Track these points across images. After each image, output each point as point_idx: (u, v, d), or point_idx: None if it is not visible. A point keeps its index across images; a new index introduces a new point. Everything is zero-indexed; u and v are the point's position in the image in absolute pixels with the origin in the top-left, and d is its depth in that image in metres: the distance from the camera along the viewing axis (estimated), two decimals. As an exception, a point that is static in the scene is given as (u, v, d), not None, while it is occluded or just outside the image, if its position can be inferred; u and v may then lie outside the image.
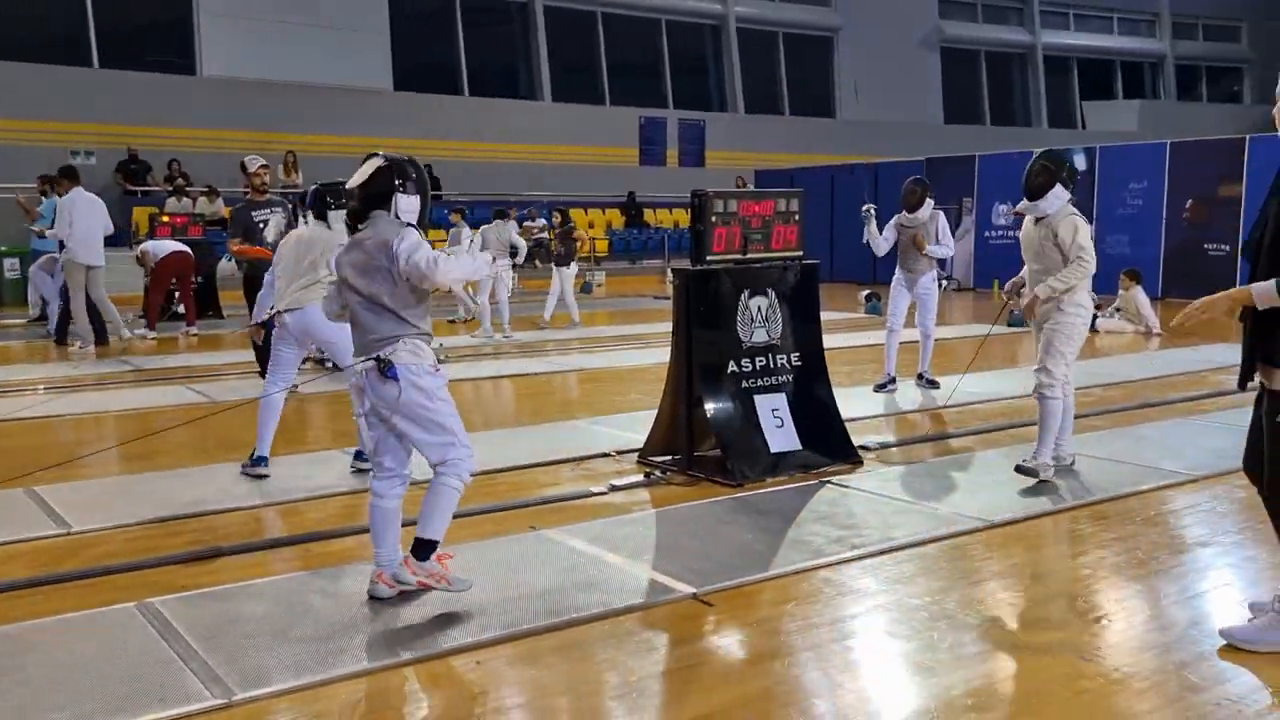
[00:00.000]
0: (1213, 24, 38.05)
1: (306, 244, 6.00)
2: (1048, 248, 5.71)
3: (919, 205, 8.76)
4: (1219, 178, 16.75)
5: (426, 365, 4.02)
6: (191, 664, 3.54)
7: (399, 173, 4.07)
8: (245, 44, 22.70)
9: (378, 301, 3.98)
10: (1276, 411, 3.48)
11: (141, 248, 13.89)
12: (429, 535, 4.05)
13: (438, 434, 4.04)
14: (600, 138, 26.22)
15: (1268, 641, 3.58)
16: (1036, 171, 5.74)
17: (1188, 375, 9.72)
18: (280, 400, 6.14)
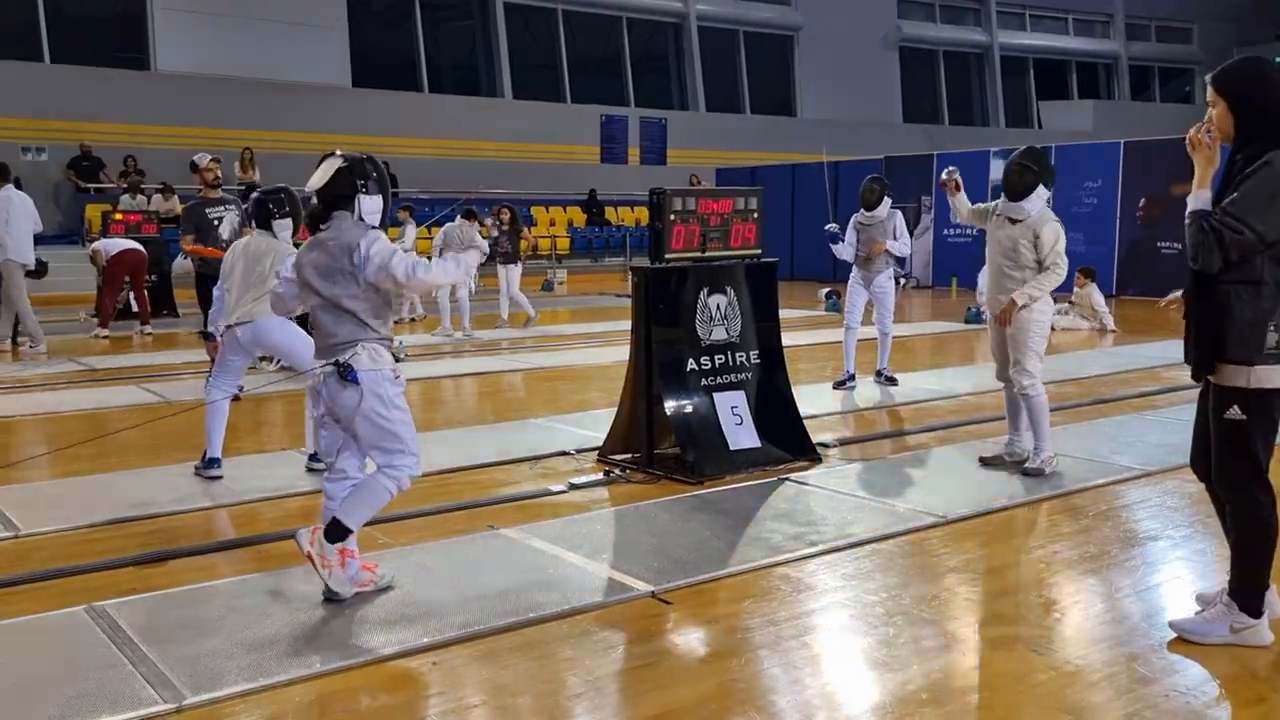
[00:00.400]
0: (1165, 26, 38.63)
1: (255, 255, 5.93)
2: (1024, 248, 5.73)
3: (877, 203, 8.81)
4: (1171, 177, 16.99)
5: (386, 371, 3.99)
6: (141, 668, 3.49)
7: (359, 173, 4.02)
8: (201, 39, 22.40)
9: (338, 304, 3.95)
10: (1225, 407, 3.53)
11: (94, 246, 13.68)
12: (345, 522, 4.01)
13: (390, 441, 4.03)
14: (561, 135, 26.15)
15: (1215, 634, 3.64)
16: (1019, 171, 5.73)
17: (1141, 371, 9.87)
18: (225, 405, 6.07)
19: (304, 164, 20.04)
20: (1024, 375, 5.86)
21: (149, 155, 20.54)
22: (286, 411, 8.18)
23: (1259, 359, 3.41)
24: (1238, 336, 3.43)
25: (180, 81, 21.85)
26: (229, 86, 22.22)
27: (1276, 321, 3.40)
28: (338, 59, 24.32)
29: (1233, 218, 3.35)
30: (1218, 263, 3.38)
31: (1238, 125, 3.47)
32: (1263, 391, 3.45)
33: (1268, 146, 3.38)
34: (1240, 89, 3.47)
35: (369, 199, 4.01)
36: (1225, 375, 3.50)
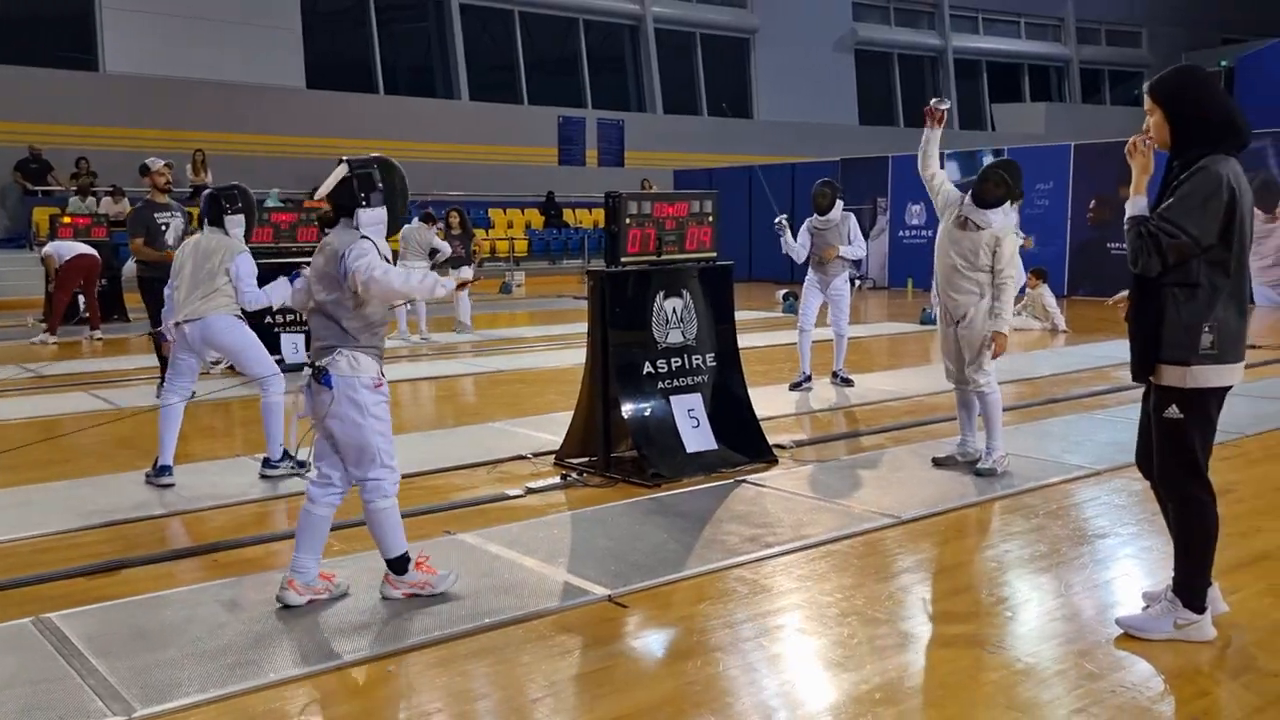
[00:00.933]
0: (1115, 29, 39.30)
1: (205, 252, 5.88)
2: (984, 254, 5.82)
3: (830, 207, 8.83)
4: (1121, 179, 17.26)
5: (365, 379, 3.98)
6: (90, 680, 3.44)
7: (363, 184, 4.00)
8: (150, 40, 22.10)
9: (324, 309, 4.00)
10: (1164, 406, 3.60)
11: (45, 250, 13.42)
12: (393, 554, 4.11)
13: (363, 452, 4.03)
14: (518, 137, 26.10)
15: (1160, 630, 3.71)
16: (995, 182, 5.83)
17: (1091, 371, 10.03)
18: (180, 409, 6.00)
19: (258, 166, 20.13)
20: (980, 374, 5.95)
21: (100, 157, 20.22)
22: (241, 417, 8.09)
23: (1195, 359, 3.50)
24: (1174, 338, 3.51)
25: (130, 83, 21.55)
26: (180, 88, 21.95)
27: (1211, 323, 3.48)
28: (291, 60, 24.09)
29: (1169, 222, 3.42)
30: (1156, 266, 3.46)
31: (1174, 132, 3.55)
32: (1199, 391, 3.53)
33: (1204, 152, 3.46)
34: (1175, 97, 3.54)
35: (367, 211, 3.99)
36: (1163, 375, 3.58)
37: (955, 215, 5.96)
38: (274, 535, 5.06)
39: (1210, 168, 3.42)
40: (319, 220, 3.73)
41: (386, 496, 4.08)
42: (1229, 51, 35.61)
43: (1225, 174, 3.43)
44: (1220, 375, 3.55)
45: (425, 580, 4.16)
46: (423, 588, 4.14)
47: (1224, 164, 3.45)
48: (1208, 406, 3.58)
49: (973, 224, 5.87)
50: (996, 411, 6.02)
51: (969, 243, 5.87)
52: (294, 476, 6.00)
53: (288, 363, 10.30)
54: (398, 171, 4.11)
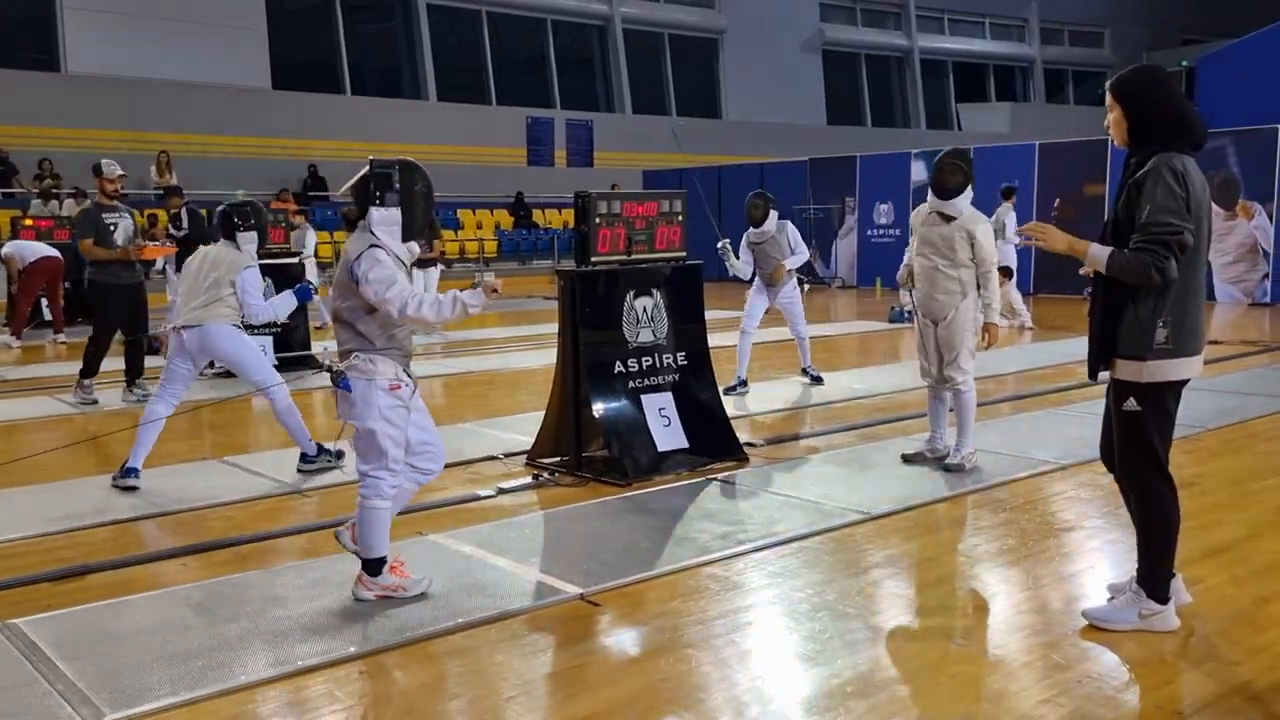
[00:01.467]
0: (1078, 30, 39.77)
1: (211, 262, 5.98)
2: (960, 247, 5.88)
3: (764, 219, 8.66)
4: (1085, 177, 17.52)
5: (380, 381, 4.00)
6: (58, 685, 3.41)
7: (378, 183, 4.01)
8: (112, 40, 21.87)
9: (340, 316, 4.05)
10: (1122, 400, 3.67)
11: (6, 250, 13.23)
12: (372, 555, 4.12)
13: (370, 452, 4.07)
14: (487, 138, 26.06)
15: (1125, 620, 3.77)
16: (949, 170, 5.88)
17: (1056, 368, 10.14)
18: (162, 422, 6.00)
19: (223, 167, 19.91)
20: (959, 371, 6.02)
21: (63, 159, 19.99)
22: (210, 421, 8.02)
23: (1150, 354, 3.58)
24: (1129, 333, 3.59)
25: (93, 83, 21.31)
26: (144, 89, 21.73)
27: (1165, 318, 3.56)
28: (256, 61, 23.92)
29: (1163, 225, 3.46)
30: (1175, 268, 3.50)
31: (1131, 130, 3.62)
32: (1155, 385, 3.61)
33: (1158, 149, 3.54)
34: (1135, 96, 3.61)
35: (380, 210, 4.01)
36: (1120, 370, 3.66)
37: (927, 218, 6.01)
38: (241, 539, 5.02)
39: (1162, 165, 3.49)
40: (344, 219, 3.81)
41: (383, 497, 4.09)
42: (1190, 52, 36.06)
43: (1178, 169, 3.49)
44: (1176, 369, 3.62)
45: (399, 584, 4.15)
46: (395, 591, 4.14)
47: (1176, 160, 3.51)
48: (1164, 400, 3.65)
49: (941, 218, 5.92)
50: (970, 409, 6.09)
51: (944, 241, 5.91)
52: (332, 469, 6.15)
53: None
54: (420, 175, 4.10)
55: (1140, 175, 3.53)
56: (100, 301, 8.55)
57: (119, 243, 8.27)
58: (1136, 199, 3.53)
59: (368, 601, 4.11)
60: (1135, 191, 3.54)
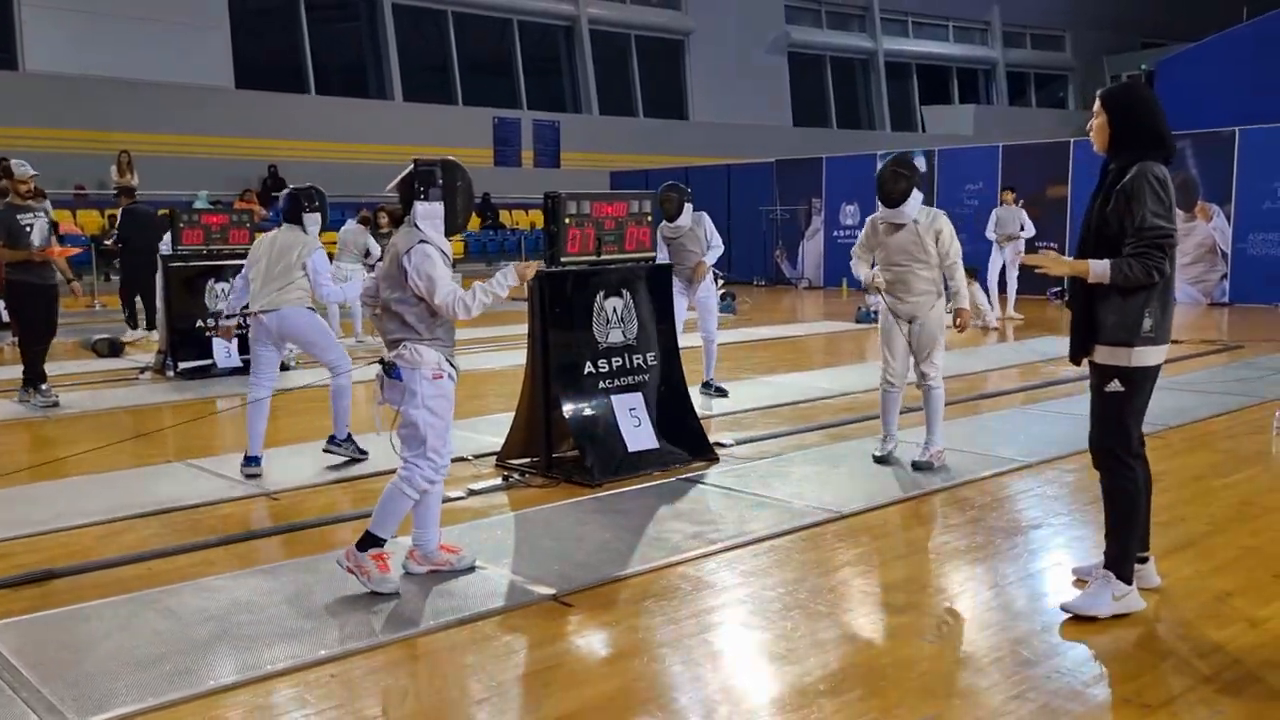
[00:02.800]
0: (1039, 33, 40.20)
1: (282, 248, 6.13)
2: (929, 246, 6.00)
3: (678, 213, 8.28)
4: (1047, 179, 17.71)
5: (425, 371, 4.14)
6: (23, 693, 3.35)
7: (421, 179, 4.19)
8: (72, 38, 21.56)
9: (389, 306, 4.18)
10: (1106, 381, 3.88)
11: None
12: (376, 533, 4.19)
13: (412, 439, 4.19)
14: (453, 138, 25.89)
15: (1102, 605, 3.89)
16: (893, 178, 5.96)
17: (1021, 367, 10.25)
18: (267, 402, 6.19)
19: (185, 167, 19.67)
20: (934, 369, 6.14)
21: (21, 158, 19.65)
22: (174, 424, 7.92)
23: (1137, 341, 3.81)
24: (1119, 321, 3.80)
25: (52, 82, 21.00)
26: (104, 87, 21.44)
27: (1150, 308, 3.79)
28: (219, 59, 23.66)
29: (1156, 229, 3.70)
30: (1167, 267, 3.74)
31: (1113, 137, 3.87)
32: (1141, 369, 3.84)
33: (1136, 157, 3.78)
34: (1123, 107, 3.87)
35: (424, 204, 4.17)
36: (1107, 356, 3.85)
37: (878, 228, 6.14)
38: (207, 543, 4.97)
39: (1148, 173, 3.73)
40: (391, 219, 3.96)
41: (413, 485, 4.18)
42: (1149, 55, 36.60)
43: (1161, 177, 3.75)
44: (1157, 355, 3.88)
45: (369, 570, 4.16)
46: (363, 574, 4.16)
47: (1158, 168, 3.76)
48: (1146, 383, 3.89)
49: (895, 226, 6.05)
50: (940, 406, 6.18)
51: (910, 244, 6.02)
52: (354, 461, 6.37)
53: (219, 366, 10.15)
54: (461, 172, 4.30)
55: (1128, 183, 3.75)
56: (20, 303, 8.41)
57: (36, 242, 8.18)
58: (1126, 206, 3.74)
59: (346, 569, 4.17)
60: (1124, 198, 3.75)
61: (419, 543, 4.43)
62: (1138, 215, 3.71)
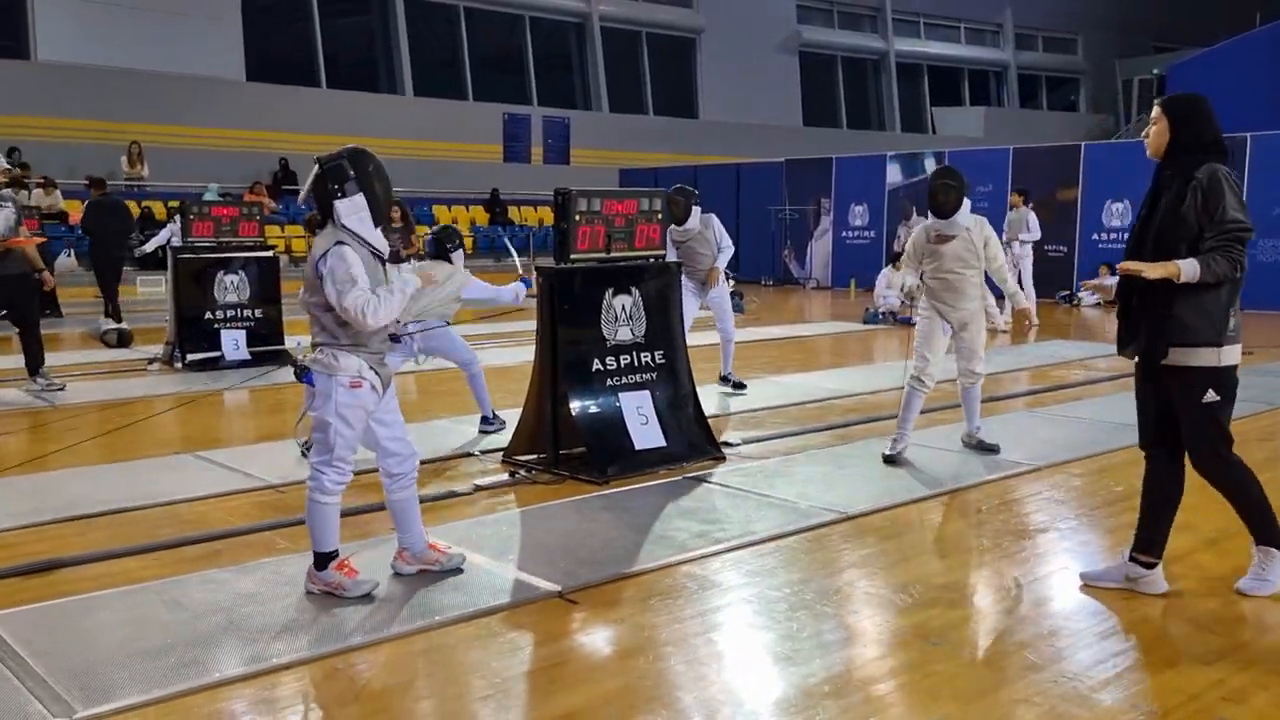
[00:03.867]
0: (1051, 36, 40.07)
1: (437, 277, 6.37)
2: (978, 252, 6.20)
3: (686, 216, 8.33)
4: (1057, 182, 17.67)
5: (341, 377, 4.02)
6: (29, 682, 3.36)
7: (332, 177, 4.00)
8: (84, 28, 21.58)
9: (309, 309, 4.07)
10: (1200, 392, 3.94)
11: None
12: (316, 548, 4.14)
13: (320, 444, 4.09)
14: (463, 134, 25.95)
15: (1272, 583, 4.12)
16: (943, 190, 6.16)
17: (1030, 370, 10.22)
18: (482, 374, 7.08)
19: (196, 160, 19.67)
20: (981, 365, 6.44)
21: (32, 148, 19.71)
22: (182, 416, 7.93)
23: (1224, 340, 3.92)
24: (1205, 321, 3.88)
25: (64, 72, 21.03)
26: (116, 78, 21.47)
27: (1234, 307, 3.93)
28: (230, 52, 23.68)
29: (1237, 223, 3.82)
30: (1245, 261, 3.86)
31: (1173, 142, 4.01)
32: (1231, 368, 3.96)
33: (1196, 159, 3.92)
34: (1185, 118, 4.02)
35: (343, 202, 3.98)
36: (1193, 358, 3.92)
37: (931, 238, 6.26)
38: (214, 535, 4.98)
39: (1220, 173, 3.87)
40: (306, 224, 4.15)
41: (324, 491, 4.07)
42: (1161, 59, 36.51)
43: (1231, 176, 3.89)
44: (1238, 353, 4.00)
45: (340, 582, 4.11)
46: (336, 589, 4.10)
47: (1225, 169, 3.91)
48: (1234, 381, 3.99)
49: (947, 236, 6.21)
50: (978, 399, 6.61)
51: (963, 254, 6.21)
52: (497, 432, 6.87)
53: (227, 359, 10.17)
54: (368, 156, 4.08)
55: (1204, 181, 3.85)
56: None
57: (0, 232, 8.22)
58: (1204, 203, 3.84)
59: (314, 596, 4.10)
60: (1201, 196, 3.84)
61: (405, 544, 4.38)
62: (1217, 210, 3.81)
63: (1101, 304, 17.04)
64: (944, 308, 6.29)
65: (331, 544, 4.13)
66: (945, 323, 6.32)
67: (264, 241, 11.10)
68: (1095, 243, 17.59)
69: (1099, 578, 4.29)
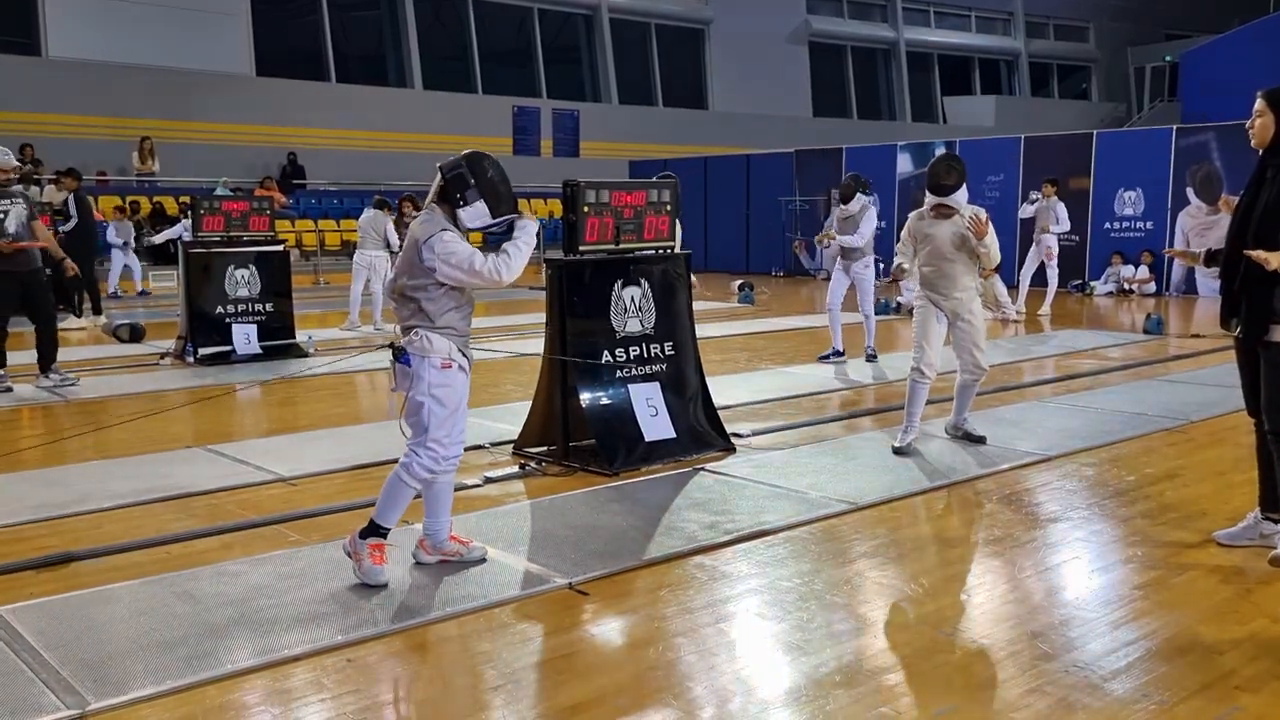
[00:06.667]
0: (1063, 24, 39.83)
1: None
2: (968, 237, 6.15)
3: (850, 199, 9.78)
4: (1069, 171, 17.58)
5: (434, 358, 4.13)
6: (42, 674, 3.38)
7: (453, 185, 4.18)
8: (94, 24, 21.66)
9: (404, 292, 4.18)
10: None
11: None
12: (376, 519, 4.21)
13: (415, 426, 4.19)
14: (472, 126, 25.94)
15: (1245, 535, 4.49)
16: (946, 171, 6.20)
17: (1040, 360, 10.18)
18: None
19: (206, 154, 19.73)
20: (985, 357, 6.45)
21: (43, 144, 19.80)
22: (194, 409, 7.97)
23: None
24: None
25: (74, 68, 21.11)
26: (126, 74, 21.54)
27: None
28: (240, 46, 23.74)
29: None
30: None
31: (1276, 135, 4.16)
32: None
33: None
34: None
35: (466, 210, 4.17)
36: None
37: (929, 214, 6.27)
38: (226, 527, 4.99)
39: None
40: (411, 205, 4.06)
41: (411, 474, 4.18)
42: (1173, 47, 36.29)
43: None
44: None
45: (362, 559, 4.17)
46: (357, 561, 4.17)
47: None
48: None
49: (945, 212, 6.20)
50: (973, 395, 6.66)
51: (955, 237, 6.20)
52: None
53: (239, 353, 10.21)
54: (486, 158, 4.25)
55: None
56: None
57: (10, 230, 8.25)
58: None
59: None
60: None
61: (429, 532, 4.43)
62: None
63: (1115, 293, 16.96)
64: (936, 296, 6.31)
65: (390, 523, 4.21)
66: (940, 311, 6.32)
67: (274, 236, 11.13)
68: (1108, 231, 17.51)
69: (1234, 537, 4.55)
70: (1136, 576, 4.30)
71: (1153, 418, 7.30)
